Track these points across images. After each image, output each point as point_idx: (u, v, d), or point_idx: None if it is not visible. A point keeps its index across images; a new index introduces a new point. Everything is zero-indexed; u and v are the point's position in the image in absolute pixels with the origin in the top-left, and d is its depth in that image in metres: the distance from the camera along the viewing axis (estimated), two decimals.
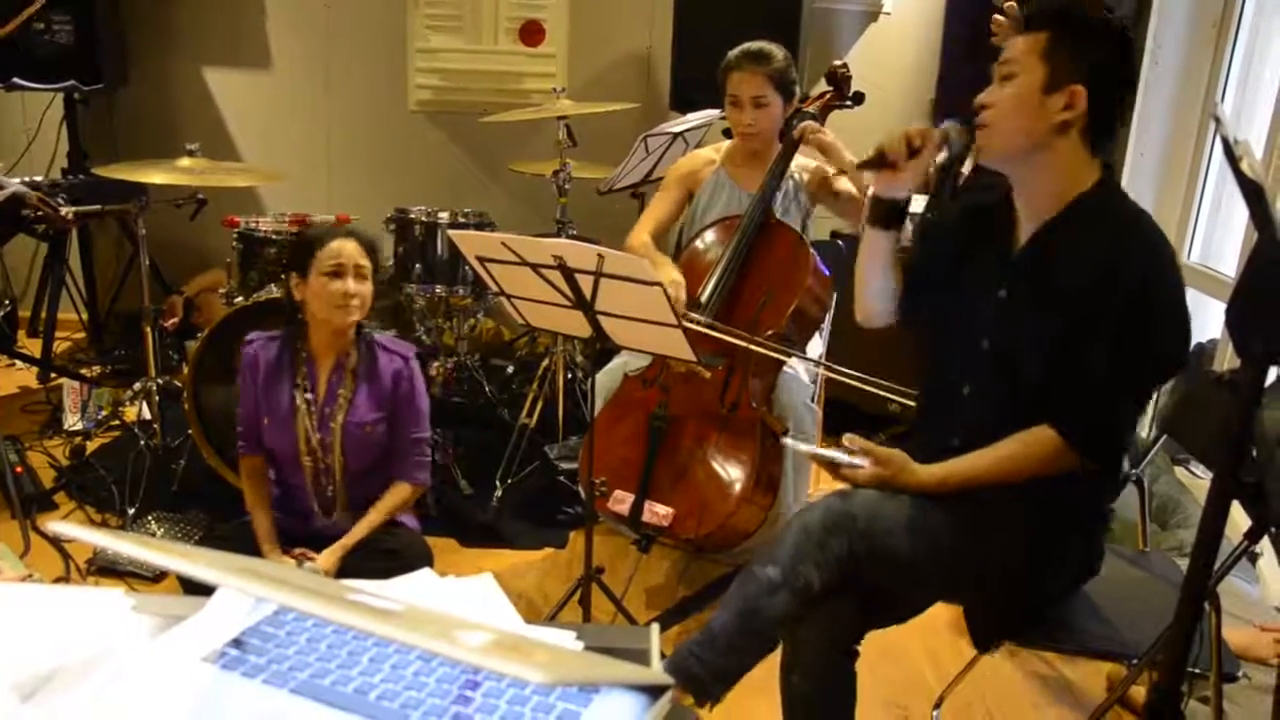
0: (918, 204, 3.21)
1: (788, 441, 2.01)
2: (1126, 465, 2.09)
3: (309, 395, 2.27)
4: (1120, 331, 1.59)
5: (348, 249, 2.21)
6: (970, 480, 1.69)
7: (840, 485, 1.78)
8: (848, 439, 1.78)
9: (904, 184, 1.80)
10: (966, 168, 1.90)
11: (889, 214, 1.86)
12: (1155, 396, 2.75)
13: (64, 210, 2.78)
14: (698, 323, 2.46)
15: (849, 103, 2.74)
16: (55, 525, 0.73)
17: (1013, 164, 1.71)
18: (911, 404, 2.11)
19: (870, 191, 1.86)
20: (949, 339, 1.84)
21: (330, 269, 2.20)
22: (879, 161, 1.76)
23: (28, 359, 4.00)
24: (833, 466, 1.78)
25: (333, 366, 2.29)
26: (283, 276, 2.35)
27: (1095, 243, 1.63)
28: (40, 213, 2.69)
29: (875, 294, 1.94)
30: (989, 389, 1.76)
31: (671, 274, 2.62)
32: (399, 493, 2.32)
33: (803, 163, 2.77)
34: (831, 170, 2.75)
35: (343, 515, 2.32)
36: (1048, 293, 1.67)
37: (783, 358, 2.53)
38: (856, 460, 1.74)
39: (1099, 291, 1.60)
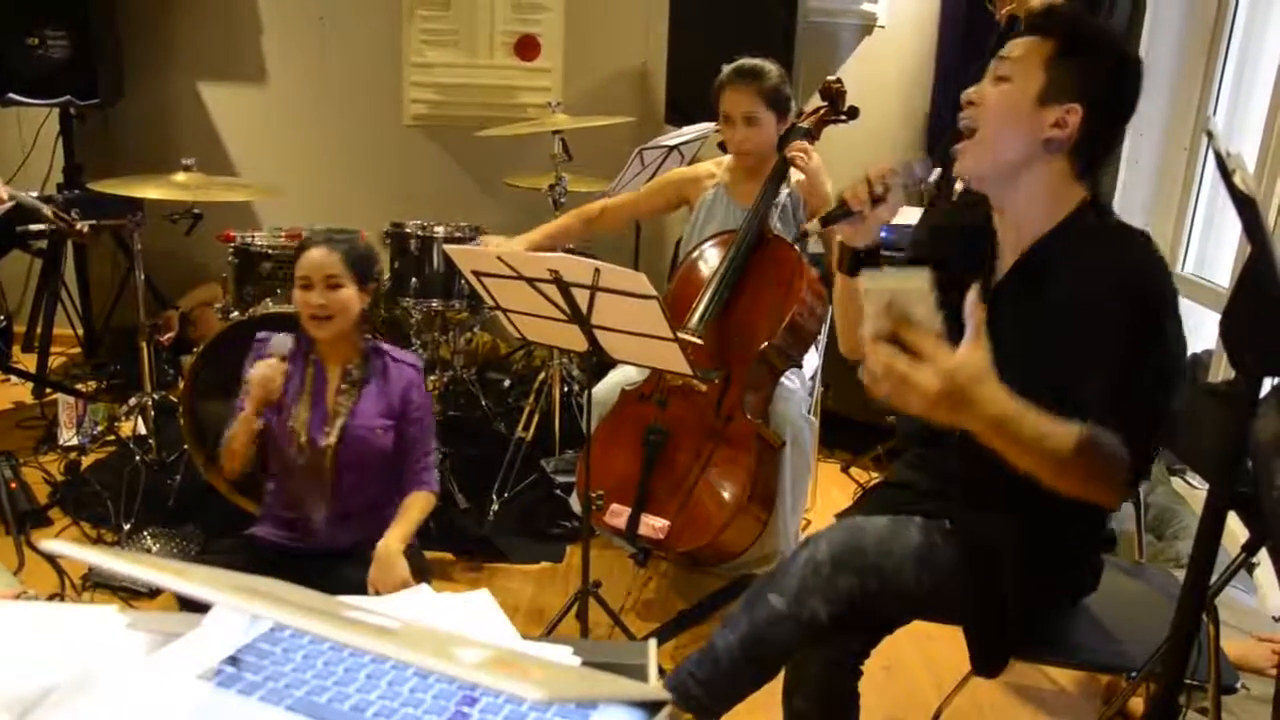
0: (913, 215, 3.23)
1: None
2: None
3: (312, 396, 2.26)
4: (1132, 340, 1.43)
5: (316, 259, 2.17)
6: (1021, 439, 1.30)
7: (844, 514, 1.75)
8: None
9: (871, 231, 1.68)
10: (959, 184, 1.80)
11: (861, 262, 1.72)
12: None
13: (79, 224, 2.79)
14: (691, 339, 2.46)
15: (843, 117, 2.74)
16: (49, 544, 0.73)
17: (994, 184, 1.60)
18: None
19: (838, 240, 1.75)
20: None
21: (300, 281, 2.18)
22: (842, 213, 1.65)
23: (23, 374, 3.99)
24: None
25: (340, 374, 2.29)
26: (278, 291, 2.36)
27: (1087, 257, 1.50)
28: (56, 227, 2.70)
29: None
30: None
31: (511, 245, 2.70)
32: (425, 499, 2.30)
33: (799, 178, 2.78)
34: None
35: (334, 528, 2.31)
36: (1034, 313, 1.53)
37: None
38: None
39: (1097, 301, 1.45)
